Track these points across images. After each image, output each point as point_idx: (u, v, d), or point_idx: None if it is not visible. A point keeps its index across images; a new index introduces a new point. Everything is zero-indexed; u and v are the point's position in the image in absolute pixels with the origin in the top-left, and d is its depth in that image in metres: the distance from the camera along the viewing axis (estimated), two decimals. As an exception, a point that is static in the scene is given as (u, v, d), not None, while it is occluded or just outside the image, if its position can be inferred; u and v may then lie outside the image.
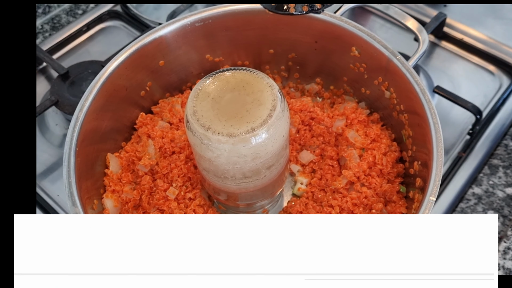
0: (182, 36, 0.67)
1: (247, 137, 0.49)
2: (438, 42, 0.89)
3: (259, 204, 0.63)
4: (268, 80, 0.52)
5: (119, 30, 0.96)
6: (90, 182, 0.59)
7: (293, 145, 0.68)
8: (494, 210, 0.69)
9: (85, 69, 0.84)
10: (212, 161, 0.52)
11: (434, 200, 0.50)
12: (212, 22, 0.67)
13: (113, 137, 0.66)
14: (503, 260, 0.64)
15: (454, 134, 0.77)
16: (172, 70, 0.71)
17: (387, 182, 0.62)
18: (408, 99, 0.60)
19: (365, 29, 0.63)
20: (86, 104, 0.59)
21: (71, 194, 0.52)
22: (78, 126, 0.57)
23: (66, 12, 0.99)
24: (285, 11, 0.60)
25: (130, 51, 0.64)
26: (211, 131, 0.49)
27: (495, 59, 0.85)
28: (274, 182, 0.59)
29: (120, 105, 0.66)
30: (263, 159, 0.52)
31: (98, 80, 0.61)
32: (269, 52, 0.73)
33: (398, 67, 0.60)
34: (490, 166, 0.73)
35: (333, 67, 0.71)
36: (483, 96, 0.82)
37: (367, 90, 0.69)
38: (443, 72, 0.85)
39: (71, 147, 0.55)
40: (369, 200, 0.60)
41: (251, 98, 0.51)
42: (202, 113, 0.50)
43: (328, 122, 0.68)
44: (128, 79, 0.65)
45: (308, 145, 0.68)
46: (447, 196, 0.70)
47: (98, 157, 0.63)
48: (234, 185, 0.56)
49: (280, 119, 0.50)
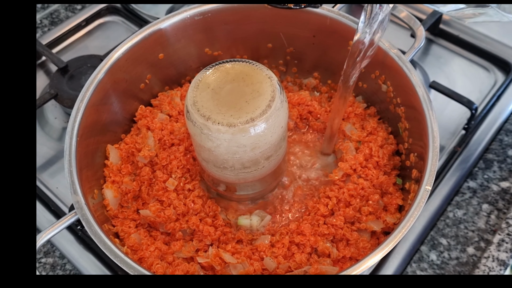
0: (182, 30, 0.68)
1: (247, 127, 0.49)
2: (434, 39, 0.90)
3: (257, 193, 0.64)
4: (267, 71, 0.53)
5: (117, 25, 0.97)
6: (90, 172, 0.60)
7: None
8: (488, 203, 0.70)
9: (84, 63, 0.84)
10: (211, 151, 0.52)
11: (430, 189, 0.51)
12: (211, 16, 0.67)
13: (113, 129, 0.67)
14: (497, 252, 0.65)
15: (450, 129, 0.78)
16: (171, 64, 0.71)
17: (384, 174, 0.63)
18: (405, 92, 0.61)
19: (363, 23, 0.64)
20: (86, 96, 0.60)
21: (72, 183, 0.53)
22: (79, 118, 0.58)
23: (65, 7, 0.99)
24: (284, 5, 0.61)
25: (130, 44, 0.64)
26: (211, 121, 0.49)
27: (490, 56, 0.86)
28: (272, 173, 0.60)
29: (120, 97, 0.66)
30: (262, 149, 0.53)
31: (99, 72, 0.61)
32: (268, 47, 0.73)
33: (395, 60, 0.61)
34: (485, 160, 0.74)
35: (330, 61, 0.72)
36: (478, 92, 0.83)
37: (364, 84, 0.70)
38: (439, 69, 0.86)
39: (72, 137, 0.56)
40: (365, 191, 0.60)
41: (251, 89, 0.52)
42: (202, 103, 0.51)
43: (324, 117, 0.69)
44: (128, 71, 0.66)
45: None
46: (443, 190, 0.71)
47: (98, 149, 0.63)
48: (233, 175, 0.57)
49: (279, 110, 0.51)
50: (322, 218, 0.60)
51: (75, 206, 0.51)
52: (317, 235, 0.58)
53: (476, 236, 0.67)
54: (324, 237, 0.58)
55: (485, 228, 0.68)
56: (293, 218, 0.63)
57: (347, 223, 0.60)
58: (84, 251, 0.67)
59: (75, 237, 0.68)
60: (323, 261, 0.57)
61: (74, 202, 0.51)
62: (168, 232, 0.61)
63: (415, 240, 0.66)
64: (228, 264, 0.56)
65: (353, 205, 0.59)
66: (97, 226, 0.50)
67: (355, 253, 0.58)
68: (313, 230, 0.59)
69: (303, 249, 0.58)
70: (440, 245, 0.67)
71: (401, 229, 0.48)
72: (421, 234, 0.67)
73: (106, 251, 0.48)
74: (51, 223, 0.54)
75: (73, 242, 0.68)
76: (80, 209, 0.51)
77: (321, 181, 0.66)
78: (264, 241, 0.59)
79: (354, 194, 0.60)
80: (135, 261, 0.48)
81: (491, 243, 0.66)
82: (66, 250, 0.67)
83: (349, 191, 0.60)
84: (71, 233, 0.68)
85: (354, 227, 0.59)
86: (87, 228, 0.49)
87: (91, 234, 0.49)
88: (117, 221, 0.60)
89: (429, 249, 0.66)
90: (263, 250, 0.58)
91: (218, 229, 0.61)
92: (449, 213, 0.69)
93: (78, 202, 0.51)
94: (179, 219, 0.60)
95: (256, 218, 0.63)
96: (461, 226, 0.68)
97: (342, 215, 0.59)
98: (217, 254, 0.56)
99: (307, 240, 0.58)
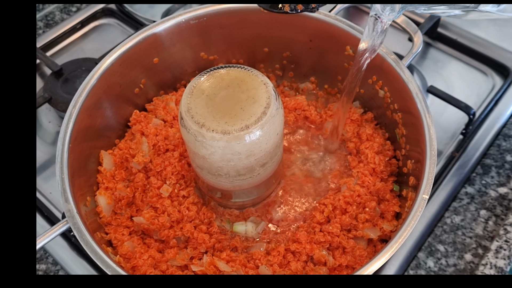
0: (177, 34, 0.67)
1: (241, 134, 0.49)
2: (432, 42, 0.90)
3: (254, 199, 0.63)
4: (263, 77, 0.52)
5: (113, 28, 0.96)
6: (83, 179, 0.59)
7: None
8: (486, 209, 0.69)
9: (79, 67, 0.83)
10: (206, 158, 0.52)
11: (427, 198, 0.50)
12: (207, 20, 0.67)
13: (107, 134, 0.66)
14: (495, 259, 0.64)
15: (448, 134, 0.77)
16: (166, 68, 0.71)
17: (381, 181, 0.62)
18: (402, 98, 0.60)
19: (360, 28, 0.64)
20: (79, 101, 0.59)
21: (64, 190, 0.52)
22: (72, 123, 0.57)
23: (60, 9, 0.98)
24: (280, 10, 0.61)
25: (124, 48, 0.64)
26: (205, 128, 0.49)
27: (489, 60, 0.85)
28: (268, 180, 0.59)
29: (114, 102, 0.66)
30: (257, 157, 0.52)
31: (92, 77, 0.61)
32: (264, 51, 0.73)
33: (392, 66, 0.60)
34: (483, 165, 0.74)
35: (327, 66, 0.71)
36: (476, 96, 0.82)
37: (361, 89, 0.69)
38: (437, 73, 0.86)
39: (64, 143, 0.55)
40: (362, 198, 0.60)
41: (246, 96, 0.51)
42: (196, 110, 0.50)
43: (318, 123, 0.69)
44: (122, 76, 0.65)
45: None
46: (440, 195, 0.70)
47: (91, 154, 0.63)
48: (228, 182, 0.56)
49: (274, 117, 0.50)
50: (318, 226, 0.59)
51: (66, 214, 0.50)
52: (313, 242, 0.58)
53: (473, 242, 0.66)
54: (320, 244, 0.58)
55: (483, 235, 0.67)
56: (289, 225, 0.63)
57: (344, 231, 0.59)
58: (78, 257, 0.66)
59: (68, 243, 0.67)
60: (319, 270, 0.56)
61: (65, 211, 0.51)
62: (162, 240, 0.60)
63: (412, 246, 0.66)
64: (223, 272, 0.55)
65: (350, 212, 0.59)
66: (89, 235, 0.49)
67: (352, 261, 0.57)
68: (309, 237, 0.58)
69: (298, 257, 0.57)
70: (437, 251, 0.66)
71: (398, 239, 0.47)
72: (418, 240, 0.66)
73: (97, 261, 0.48)
74: (45, 229, 0.54)
75: (66, 248, 0.67)
76: (71, 218, 0.50)
77: (317, 189, 0.65)
78: (260, 249, 0.59)
79: (351, 201, 0.59)
80: (128, 270, 0.47)
81: (489, 250, 0.65)
82: (59, 256, 0.66)
83: (345, 198, 0.59)
84: (64, 239, 0.67)
85: (350, 234, 0.59)
86: (79, 238, 0.49)
87: (82, 243, 0.48)
88: (110, 228, 0.60)
89: (426, 256, 0.66)
90: (258, 258, 0.57)
91: (213, 236, 0.60)
92: (446, 219, 0.69)
93: (69, 210, 0.51)
94: (173, 226, 0.60)
95: (251, 225, 0.62)
96: (458, 232, 0.68)
97: (338, 222, 0.58)
98: (212, 262, 0.55)
99: (303, 248, 0.57)
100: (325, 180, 0.65)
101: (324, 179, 0.66)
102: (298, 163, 0.67)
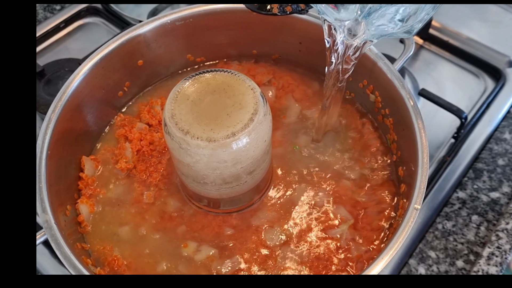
0: (162, 35, 0.65)
1: (228, 141, 0.47)
2: (423, 44, 0.89)
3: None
4: (250, 82, 0.51)
5: (98, 27, 0.93)
6: (62, 186, 0.57)
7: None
8: (478, 214, 0.68)
9: (61, 67, 0.81)
10: (191, 166, 0.50)
11: (419, 208, 0.49)
12: (193, 21, 0.65)
13: (89, 139, 0.64)
14: (487, 266, 0.63)
15: (439, 138, 0.76)
16: (151, 70, 0.68)
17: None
18: (394, 103, 0.59)
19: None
20: (59, 105, 0.57)
21: (41, 200, 0.50)
22: (51, 128, 0.55)
23: (44, 7, 0.95)
24: (268, 11, 0.59)
25: (107, 50, 0.61)
26: (190, 135, 0.47)
27: (481, 62, 0.84)
28: (255, 188, 0.57)
29: (97, 106, 0.63)
30: (244, 165, 0.50)
31: (73, 80, 0.58)
32: (252, 53, 0.71)
33: (384, 70, 0.59)
34: (475, 170, 0.73)
35: (317, 68, 0.69)
36: (468, 99, 0.81)
37: (352, 93, 0.68)
38: (428, 75, 0.85)
39: (43, 150, 0.53)
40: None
41: (232, 101, 0.49)
42: (180, 116, 0.48)
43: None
44: (105, 78, 0.63)
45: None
46: (432, 201, 0.69)
47: (71, 161, 0.60)
48: (214, 190, 0.54)
49: (262, 123, 0.49)
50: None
51: (43, 226, 0.48)
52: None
53: (465, 248, 0.65)
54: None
55: (474, 241, 0.66)
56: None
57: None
58: (59, 266, 0.64)
59: (49, 252, 0.65)
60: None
61: (43, 222, 0.48)
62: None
63: (403, 253, 0.65)
64: None
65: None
66: (67, 248, 0.47)
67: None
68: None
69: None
70: (428, 258, 0.65)
71: (389, 251, 0.46)
72: (409, 247, 0.65)
73: (76, 274, 0.45)
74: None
75: (48, 256, 0.65)
76: (49, 229, 0.48)
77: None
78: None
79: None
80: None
81: (481, 256, 0.64)
82: (40, 265, 0.64)
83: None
84: (45, 247, 0.65)
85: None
86: (56, 250, 0.47)
87: (60, 256, 0.46)
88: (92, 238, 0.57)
89: (417, 263, 0.65)
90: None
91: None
92: (438, 224, 0.68)
93: (47, 221, 0.48)
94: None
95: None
96: (450, 238, 0.66)
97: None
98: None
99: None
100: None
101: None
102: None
